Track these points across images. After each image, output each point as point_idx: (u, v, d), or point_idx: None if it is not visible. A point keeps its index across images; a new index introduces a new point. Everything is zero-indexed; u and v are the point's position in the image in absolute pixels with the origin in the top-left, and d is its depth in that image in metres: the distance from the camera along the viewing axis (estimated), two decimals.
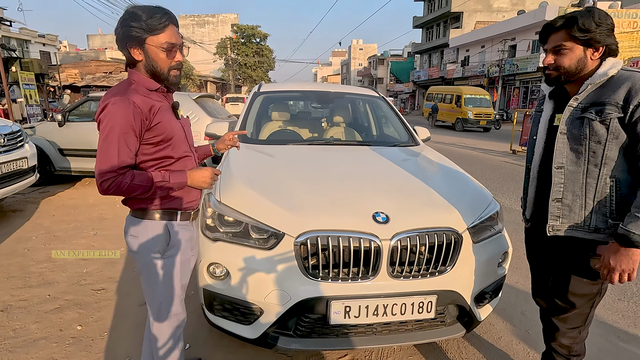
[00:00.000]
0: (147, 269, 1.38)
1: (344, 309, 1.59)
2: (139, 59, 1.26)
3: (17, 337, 2.10)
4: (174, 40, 1.26)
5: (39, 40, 31.99)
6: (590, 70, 1.31)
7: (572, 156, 1.32)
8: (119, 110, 1.18)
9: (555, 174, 1.35)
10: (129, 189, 1.21)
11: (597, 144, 1.27)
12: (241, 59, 39.25)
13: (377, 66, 50.83)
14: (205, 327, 2.15)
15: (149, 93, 1.29)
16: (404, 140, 3.02)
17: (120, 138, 1.19)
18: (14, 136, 4.02)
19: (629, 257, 1.22)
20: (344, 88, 3.67)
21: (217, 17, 58.75)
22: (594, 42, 1.26)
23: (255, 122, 3.15)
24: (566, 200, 1.35)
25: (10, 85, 11.46)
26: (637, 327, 2.34)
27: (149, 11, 1.22)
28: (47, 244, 3.45)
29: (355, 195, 1.83)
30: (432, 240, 1.63)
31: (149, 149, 1.28)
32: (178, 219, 1.38)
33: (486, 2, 31.96)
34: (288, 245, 1.61)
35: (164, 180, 1.26)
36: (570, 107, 1.32)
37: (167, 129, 1.29)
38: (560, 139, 1.34)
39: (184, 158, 1.38)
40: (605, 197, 1.29)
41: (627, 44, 20.81)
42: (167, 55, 1.26)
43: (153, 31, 1.22)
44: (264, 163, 2.26)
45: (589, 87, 1.30)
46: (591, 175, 1.30)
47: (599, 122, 1.25)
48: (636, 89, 1.20)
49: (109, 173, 1.18)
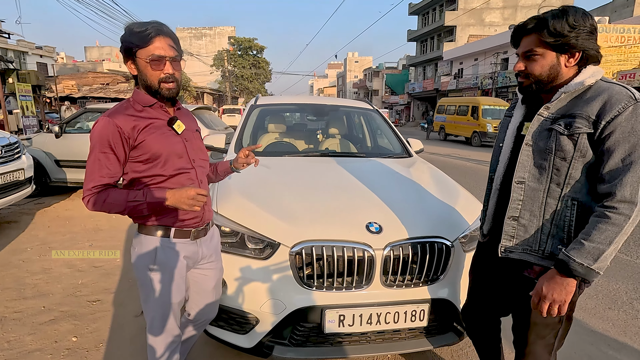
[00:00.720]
0: (141, 281, 1.39)
1: (338, 318, 1.62)
2: (134, 73, 1.29)
3: (11, 349, 2.09)
4: (162, 52, 1.24)
5: (36, 52, 32.11)
6: (567, 79, 1.15)
7: (535, 171, 1.19)
8: (100, 131, 1.23)
9: (515, 189, 1.22)
10: (105, 206, 1.24)
11: (562, 161, 1.13)
12: (238, 71, 39.62)
13: (373, 78, 51.52)
14: (201, 337, 2.16)
15: (143, 110, 1.31)
16: (397, 152, 3.08)
17: (98, 157, 1.24)
18: (11, 148, 4.04)
19: (564, 286, 1.09)
20: (339, 101, 3.76)
21: (215, 29, 59.48)
22: (568, 47, 1.09)
23: (251, 134, 3.21)
24: (523, 220, 1.22)
25: (7, 96, 11.48)
26: (627, 335, 2.38)
27: (140, 25, 1.24)
28: (42, 256, 3.45)
29: (349, 206, 1.88)
30: (424, 250, 1.68)
31: (139, 167, 1.30)
32: (171, 236, 1.36)
33: (478, 17, 32.72)
34: (283, 255, 1.64)
35: (137, 200, 1.25)
36: (540, 117, 1.18)
37: (153, 147, 1.28)
38: (524, 151, 1.21)
39: (178, 175, 1.35)
40: (564, 221, 1.15)
41: (616, 57, 21.32)
42: (153, 67, 1.25)
43: (141, 44, 1.23)
44: (260, 174, 2.31)
45: (563, 96, 1.15)
46: (552, 195, 1.16)
47: (566, 137, 1.11)
48: (612, 103, 1.05)
49: (87, 191, 1.24)
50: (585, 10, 1.09)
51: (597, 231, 1.05)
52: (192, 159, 1.40)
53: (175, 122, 1.37)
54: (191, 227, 1.41)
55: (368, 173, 2.45)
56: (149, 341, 1.46)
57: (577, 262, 1.05)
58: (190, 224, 1.40)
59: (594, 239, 1.05)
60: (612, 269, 3.43)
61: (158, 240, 1.35)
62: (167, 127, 1.35)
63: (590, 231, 1.06)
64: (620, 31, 21.19)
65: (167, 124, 1.35)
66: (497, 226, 1.32)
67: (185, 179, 1.37)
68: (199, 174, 1.43)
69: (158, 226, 1.35)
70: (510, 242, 1.25)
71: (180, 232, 1.38)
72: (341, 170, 2.40)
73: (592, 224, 1.07)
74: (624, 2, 30.46)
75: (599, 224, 1.05)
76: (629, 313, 2.65)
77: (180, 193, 1.26)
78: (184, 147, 1.38)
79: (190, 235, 1.40)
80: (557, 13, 1.09)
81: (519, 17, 31.84)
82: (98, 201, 1.23)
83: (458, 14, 32.15)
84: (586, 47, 1.09)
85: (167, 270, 1.37)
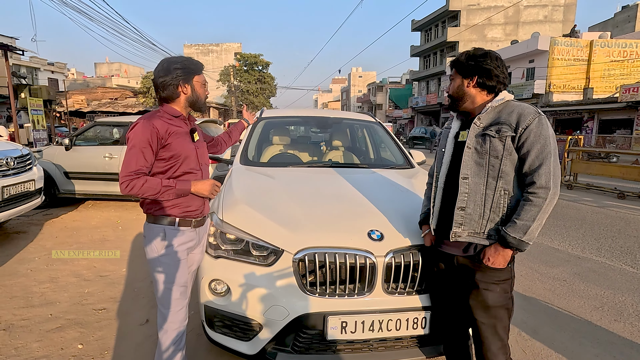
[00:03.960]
0: (151, 265, 1.64)
1: (340, 325, 1.64)
2: (187, 93, 1.63)
3: (18, 355, 2.12)
4: (205, 79, 1.72)
5: (48, 68, 33.00)
6: (482, 102, 1.51)
7: (475, 168, 1.46)
8: (142, 130, 1.52)
9: (462, 183, 1.48)
10: (142, 189, 1.50)
11: (495, 159, 1.42)
12: (243, 86, 40.23)
13: (376, 93, 52.02)
14: (204, 345, 2.18)
15: (172, 119, 1.63)
16: (399, 163, 3.13)
17: (139, 150, 1.51)
18: (23, 159, 4.15)
19: (503, 255, 1.42)
20: (342, 114, 3.82)
21: (221, 46, 60.77)
22: (467, 72, 1.49)
23: (256, 146, 3.28)
24: (468, 209, 1.47)
25: (18, 110, 11.77)
26: (634, 348, 2.35)
27: (185, 59, 1.64)
28: (49, 265, 3.50)
29: (351, 214, 1.92)
30: (425, 257, 1.70)
31: (161, 163, 1.59)
32: (176, 224, 1.63)
33: (480, 32, 33.17)
34: (287, 262, 1.68)
35: (169, 186, 1.55)
36: (475, 125, 1.48)
37: (176, 148, 1.59)
38: (467, 153, 1.48)
39: (188, 174, 1.65)
40: (499, 207, 1.44)
41: (619, 71, 21.45)
42: (204, 88, 1.71)
43: (196, 72, 1.65)
44: (265, 184, 2.36)
45: (489, 110, 1.47)
46: (490, 187, 1.44)
47: (497, 139, 1.41)
48: (525, 115, 1.39)
49: (127, 176, 1.49)
50: (487, 51, 1.48)
51: (524, 212, 1.37)
52: (200, 163, 1.72)
53: (195, 132, 1.72)
54: (192, 218, 1.68)
55: (370, 183, 2.49)
56: (159, 334, 1.66)
57: (511, 236, 1.37)
58: (191, 214, 1.67)
59: (522, 218, 1.37)
60: (618, 281, 3.40)
61: (164, 227, 1.62)
62: (188, 135, 1.67)
63: (520, 212, 1.38)
64: (622, 46, 21.38)
65: (189, 133, 1.68)
66: (443, 219, 1.58)
67: (194, 178, 1.66)
68: (204, 174, 1.75)
69: (164, 216, 1.62)
70: (459, 228, 1.49)
71: (183, 221, 1.65)
72: (344, 180, 2.45)
73: (521, 206, 1.39)
74: (625, 18, 30.80)
75: (525, 206, 1.38)
76: (635, 325, 2.62)
77: (202, 183, 1.64)
78: (196, 152, 1.70)
79: (191, 224, 1.68)
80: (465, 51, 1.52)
81: (520, 32, 32.23)
82: (137, 184, 1.49)
83: (460, 29, 32.63)
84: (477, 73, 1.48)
85: (172, 253, 1.62)
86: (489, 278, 1.46)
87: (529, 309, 2.82)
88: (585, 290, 3.20)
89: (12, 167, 3.91)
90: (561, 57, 21.36)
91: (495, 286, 1.46)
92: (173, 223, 1.63)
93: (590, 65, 21.39)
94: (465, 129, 1.54)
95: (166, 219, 1.62)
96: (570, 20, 32.20)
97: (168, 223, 1.62)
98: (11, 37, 11.60)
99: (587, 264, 3.83)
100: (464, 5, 32.90)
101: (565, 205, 6.75)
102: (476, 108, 1.52)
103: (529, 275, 3.49)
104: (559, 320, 2.67)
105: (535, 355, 2.25)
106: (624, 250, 4.30)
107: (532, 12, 32.40)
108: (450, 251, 1.56)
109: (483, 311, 1.48)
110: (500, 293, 1.47)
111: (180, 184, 1.59)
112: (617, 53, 21.39)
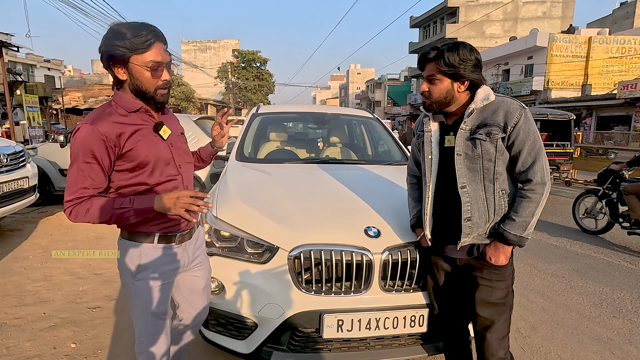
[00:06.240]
0: (126, 288, 1.37)
1: (336, 323, 1.61)
2: (123, 78, 1.21)
3: (10, 355, 2.09)
4: (160, 58, 1.21)
5: (44, 64, 32.78)
6: (464, 102, 1.42)
7: (470, 175, 1.42)
8: (83, 139, 1.15)
9: (462, 194, 1.43)
10: (88, 216, 1.18)
11: (489, 162, 1.39)
12: (241, 83, 40.12)
13: (375, 89, 51.89)
14: (199, 345, 2.15)
15: (128, 115, 1.23)
16: (397, 159, 3.09)
17: (81, 168, 1.17)
18: (16, 156, 4.10)
19: (503, 252, 1.42)
20: (340, 109, 3.79)
21: (219, 42, 60.52)
22: (459, 76, 1.37)
23: (253, 142, 3.24)
24: (474, 218, 1.42)
25: (14, 108, 11.67)
26: (632, 343, 2.34)
27: (133, 28, 1.16)
28: (44, 263, 3.46)
29: (347, 211, 1.88)
30: (422, 254, 1.67)
31: (125, 175, 1.24)
32: (155, 242, 1.31)
33: (479, 29, 33.08)
34: (282, 259, 1.64)
35: (123, 207, 1.19)
36: (462, 131, 1.41)
37: (140, 155, 1.23)
38: (458, 160, 1.42)
39: (165, 183, 1.31)
40: (501, 208, 1.42)
41: (617, 68, 21.43)
42: (152, 74, 1.20)
43: (137, 50, 1.16)
44: (261, 180, 2.32)
45: (475, 113, 1.40)
46: (488, 190, 1.41)
47: (489, 142, 1.37)
48: (511, 112, 1.35)
49: (67, 202, 1.18)
50: (472, 46, 1.37)
51: (522, 209, 1.36)
52: (178, 165, 1.37)
53: (161, 128, 1.31)
54: (176, 232, 1.36)
55: (367, 179, 2.46)
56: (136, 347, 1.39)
57: (512, 233, 1.37)
58: (173, 229, 1.35)
59: (520, 215, 1.36)
60: (617, 278, 3.39)
61: (141, 246, 1.30)
62: (154, 133, 1.29)
63: (517, 209, 1.37)
64: (620, 42, 21.34)
65: (153, 130, 1.29)
66: (439, 227, 1.54)
67: (172, 187, 1.33)
68: (185, 180, 1.40)
69: (140, 233, 1.30)
70: (467, 237, 1.45)
71: (164, 238, 1.33)
72: (341, 177, 2.41)
73: (518, 203, 1.38)
74: (624, 14, 30.78)
75: (522, 203, 1.36)
76: (634, 321, 2.61)
77: (166, 197, 1.21)
78: (170, 153, 1.33)
79: (175, 240, 1.36)
80: (451, 47, 1.36)
81: (519, 29, 32.15)
82: (80, 212, 1.17)
83: (459, 26, 32.52)
84: (472, 77, 1.37)
85: (151, 277, 1.31)
86: (493, 275, 1.45)
87: (528, 306, 2.81)
88: (583, 287, 3.19)
89: (5, 164, 3.86)
90: (560, 54, 21.31)
91: (500, 283, 1.45)
92: (152, 241, 1.30)
93: (589, 61, 21.37)
94: (447, 132, 1.48)
95: (144, 236, 1.30)
96: (569, 16, 32.17)
97: (146, 241, 1.30)
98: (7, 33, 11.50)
99: (585, 261, 3.82)
100: (463, 2, 32.77)
101: (564, 201, 6.74)
102: (459, 108, 1.45)
103: (528, 272, 3.47)
104: (558, 317, 2.66)
105: (534, 352, 2.23)
106: (623, 246, 4.29)
107: (531, 8, 32.33)
108: (454, 255, 1.53)
109: (486, 307, 1.46)
110: (503, 289, 1.46)
111: (139, 202, 1.20)
112: (616, 49, 21.35)
